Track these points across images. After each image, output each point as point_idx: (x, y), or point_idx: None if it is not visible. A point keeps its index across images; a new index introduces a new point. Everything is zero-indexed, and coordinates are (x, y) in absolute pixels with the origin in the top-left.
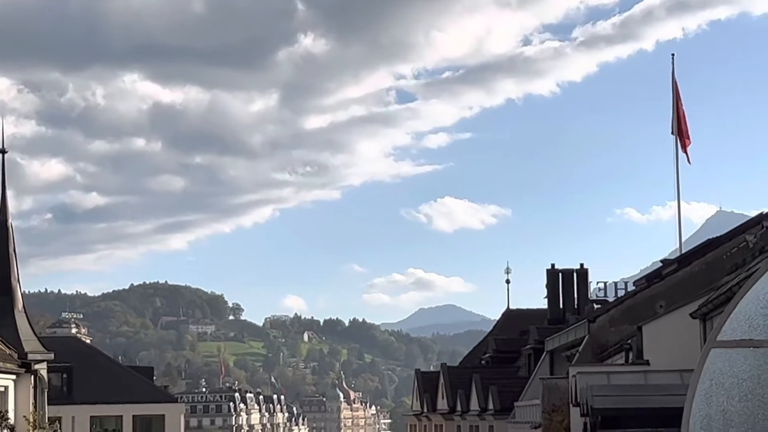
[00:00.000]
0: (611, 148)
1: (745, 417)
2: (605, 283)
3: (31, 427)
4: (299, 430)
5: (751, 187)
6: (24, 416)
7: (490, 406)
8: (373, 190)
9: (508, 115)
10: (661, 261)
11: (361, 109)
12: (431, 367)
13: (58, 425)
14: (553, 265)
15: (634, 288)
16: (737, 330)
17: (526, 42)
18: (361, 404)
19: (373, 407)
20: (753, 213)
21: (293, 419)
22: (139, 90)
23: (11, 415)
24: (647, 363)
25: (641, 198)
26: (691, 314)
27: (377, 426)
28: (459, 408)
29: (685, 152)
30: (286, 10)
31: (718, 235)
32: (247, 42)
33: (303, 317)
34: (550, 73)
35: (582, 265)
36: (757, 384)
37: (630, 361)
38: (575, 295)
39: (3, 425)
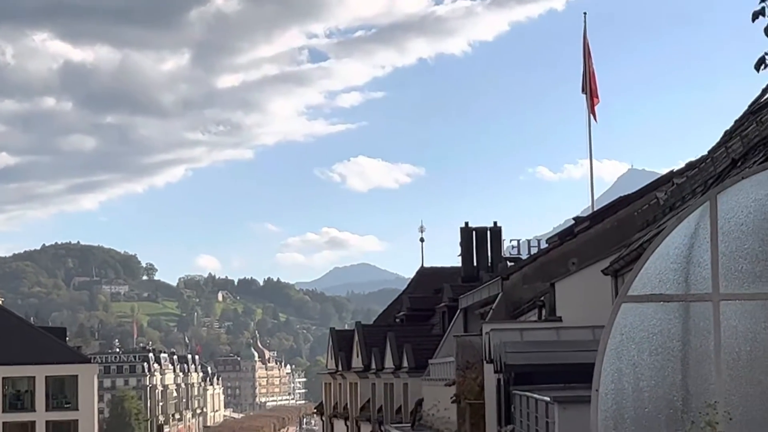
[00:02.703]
0: (523, 107)
1: (655, 370)
2: (518, 240)
3: None
4: (214, 389)
5: (662, 145)
6: None
7: (405, 363)
8: (286, 149)
9: (421, 74)
10: (574, 218)
11: (273, 68)
12: (346, 326)
13: None
14: (466, 224)
15: (547, 245)
16: (647, 285)
17: (438, 1)
18: (276, 363)
19: (288, 366)
20: (664, 171)
21: (208, 379)
22: (50, 49)
23: None
24: (560, 319)
25: (553, 156)
26: (602, 271)
27: (292, 385)
28: (373, 366)
29: (593, 111)
30: None
31: (630, 192)
32: (158, 0)
33: (217, 277)
34: (461, 33)
35: (495, 223)
36: (667, 338)
37: (543, 317)
38: (489, 253)
39: None
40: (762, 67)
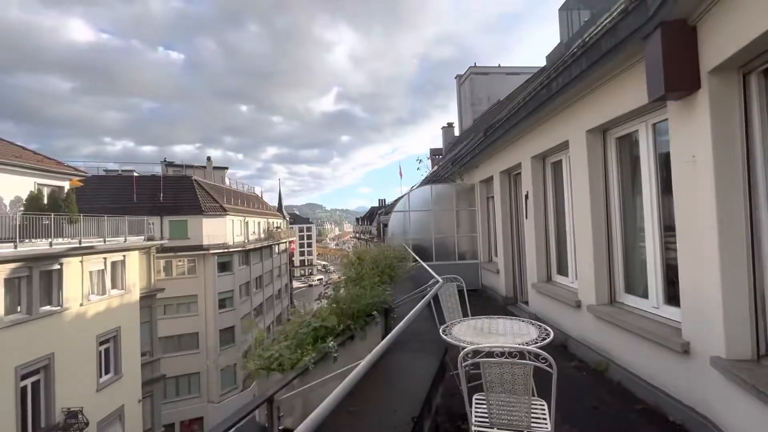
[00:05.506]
0: None
1: (399, 229)
2: (383, 200)
3: None
4: None
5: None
6: None
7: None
8: None
9: None
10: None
11: None
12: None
13: None
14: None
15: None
16: (399, 208)
17: None
18: None
19: None
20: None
21: None
22: None
23: None
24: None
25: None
26: (394, 212)
27: None
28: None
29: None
30: None
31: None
32: None
33: None
34: None
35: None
36: (402, 221)
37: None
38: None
39: None
40: (419, 162)
